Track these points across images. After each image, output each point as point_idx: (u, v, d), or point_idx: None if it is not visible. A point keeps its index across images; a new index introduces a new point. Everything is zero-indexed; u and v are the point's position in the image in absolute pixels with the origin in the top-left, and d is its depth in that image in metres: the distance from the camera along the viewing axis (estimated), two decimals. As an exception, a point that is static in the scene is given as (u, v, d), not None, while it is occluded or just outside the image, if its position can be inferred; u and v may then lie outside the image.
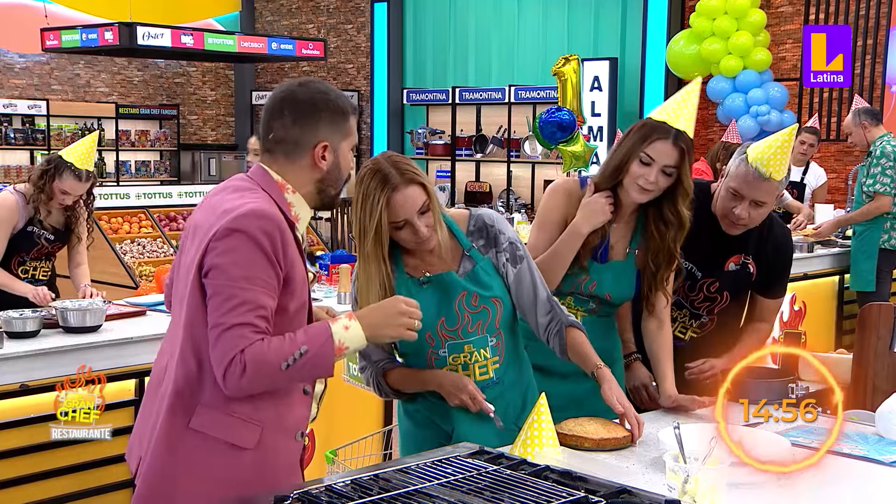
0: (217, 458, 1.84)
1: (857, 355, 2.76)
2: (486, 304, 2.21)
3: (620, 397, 2.19)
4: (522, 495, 1.62)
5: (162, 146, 13.19)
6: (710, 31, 8.40)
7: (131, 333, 3.32)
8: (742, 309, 2.77)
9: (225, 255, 1.78)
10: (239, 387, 1.76)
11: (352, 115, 1.94)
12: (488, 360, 2.23)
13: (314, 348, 1.78)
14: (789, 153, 2.52)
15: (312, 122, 1.88)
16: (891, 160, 5.57)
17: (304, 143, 1.89)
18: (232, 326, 1.75)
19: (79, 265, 4.12)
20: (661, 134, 2.36)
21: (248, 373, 1.74)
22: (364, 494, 1.63)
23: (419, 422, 2.32)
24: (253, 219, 1.78)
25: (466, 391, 2.16)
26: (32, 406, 2.92)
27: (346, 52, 12.71)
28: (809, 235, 5.89)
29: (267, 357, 1.75)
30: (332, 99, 1.90)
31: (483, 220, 2.27)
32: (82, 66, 12.72)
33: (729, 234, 2.63)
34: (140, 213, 7.26)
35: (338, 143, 1.91)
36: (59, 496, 3.06)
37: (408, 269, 2.22)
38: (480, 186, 11.11)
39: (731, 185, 2.55)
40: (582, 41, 10.18)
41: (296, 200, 1.91)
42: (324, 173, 1.91)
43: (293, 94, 1.89)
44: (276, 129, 1.89)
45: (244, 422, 1.84)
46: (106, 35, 9.09)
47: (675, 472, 1.75)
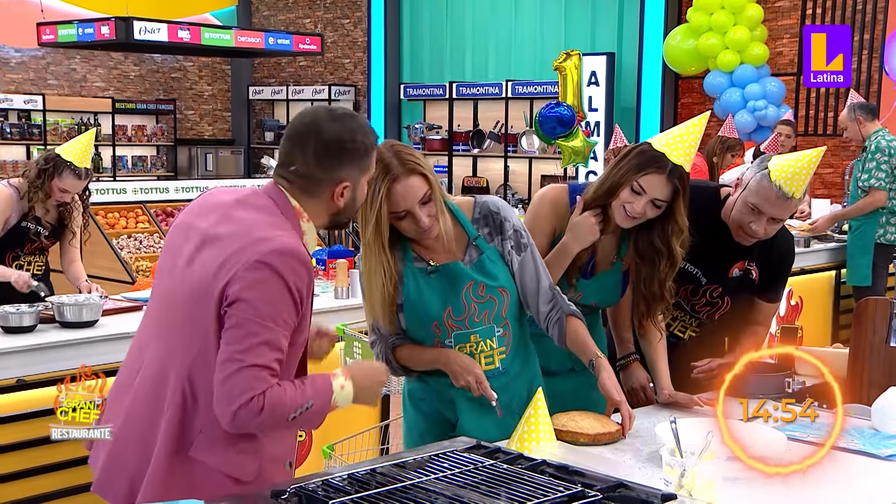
0: (215, 488, 1.81)
1: (853, 350, 2.77)
2: (493, 293, 2.20)
3: (617, 387, 2.20)
4: (519, 490, 1.62)
5: (159, 141, 13.16)
6: (708, 26, 8.39)
7: (128, 329, 3.31)
8: (742, 311, 2.75)
9: (253, 289, 1.73)
10: (248, 426, 1.76)
11: (373, 150, 1.91)
12: (494, 350, 2.22)
13: (318, 405, 1.82)
14: (812, 174, 2.49)
15: (337, 163, 1.85)
16: (885, 155, 5.58)
17: (325, 182, 1.86)
18: (252, 366, 1.73)
19: (73, 261, 4.10)
20: (657, 167, 2.33)
21: (264, 415, 1.73)
22: (361, 489, 1.63)
23: (425, 412, 2.32)
24: (288, 258, 1.76)
25: (473, 374, 2.16)
26: (29, 401, 2.92)
27: (342, 46, 12.69)
28: (805, 230, 5.89)
29: (284, 404, 1.75)
30: (360, 139, 1.86)
31: (488, 206, 2.26)
32: (78, 60, 12.68)
33: (735, 241, 2.61)
34: (137, 209, 7.25)
35: (357, 180, 1.89)
36: (56, 490, 3.05)
37: (416, 258, 2.21)
38: (477, 182, 11.10)
39: (751, 200, 2.50)
40: (579, 36, 10.17)
41: (308, 229, 1.90)
42: (340, 208, 1.90)
43: (321, 129, 1.84)
44: (299, 164, 1.85)
45: (245, 454, 1.83)
46: (102, 30, 9.05)
47: (672, 467, 1.75)
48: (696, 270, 2.64)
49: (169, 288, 1.89)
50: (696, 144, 2.38)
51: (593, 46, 9.93)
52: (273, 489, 1.64)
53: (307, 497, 1.61)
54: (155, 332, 1.91)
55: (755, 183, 2.51)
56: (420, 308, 2.19)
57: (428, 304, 2.19)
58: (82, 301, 3.35)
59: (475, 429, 2.17)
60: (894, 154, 5.61)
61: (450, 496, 1.59)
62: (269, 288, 1.74)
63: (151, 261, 6.68)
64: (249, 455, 1.83)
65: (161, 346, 1.87)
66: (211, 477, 1.80)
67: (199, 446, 1.80)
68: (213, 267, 1.78)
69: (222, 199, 1.90)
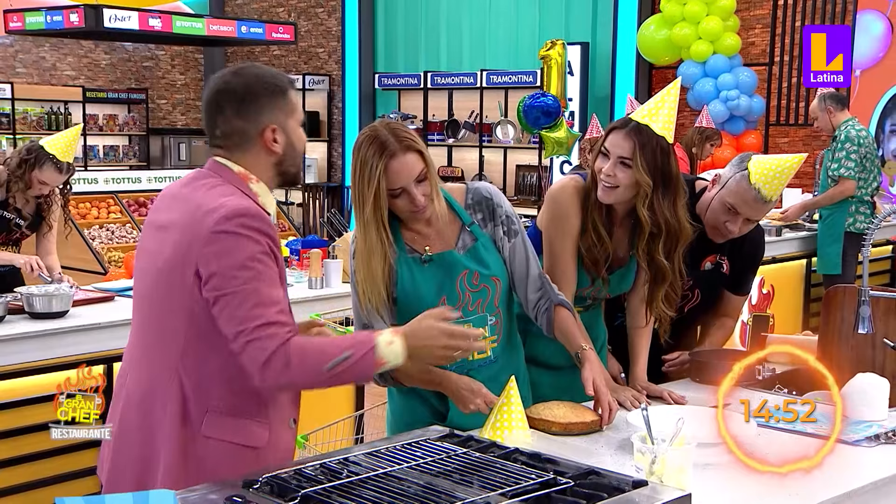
0: (229, 460, 1.82)
1: (822, 337, 2.79)
2: (487, 282, 2.19)
3: (597, 379, 2.17)
4: (492, 477, 1.62)
5: (131, 131, 12.98)
6: (681, 16, 8.42)
7: (99, 319, 3.28)
8: (713, 304, 2.77)
9: (220, 259, 1.73)
10: (280, 380, 1.73)
11: (290, 90, 1.91)
12: (486, 339, 2.20)
13: (358, 355, 1.76)
14: (791, 178, 2.51)
15: (254, 110, 1.85)
16: (855, 144, 5.64)
17: (251, 132, 1.86)
18: (255, 328, 1.71)
19: (48, 254, 4.08)
20: (618, 126, 2.33)
21: (294, 365, 1.70)
22: (333, 478, 1.62)
23: (414, 400, 2.27)
24: (240, 218, 1.75)
25: (482, 395, 2.11)
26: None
27: (316, 35, 12.60)
28: (777, 219, 5.95)
29: (311, 352, 1.73)
30: (268, 80, 1.87)
31: (481, 192, 2.25)
32: (48, 48, 12.48)
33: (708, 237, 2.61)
34: (109, 199, 7.18)
35: (285, 122, 1.89)
36: (29, 482, 3.03)
37: (407, 246, 2.18)
38: (453, 171, 11.08)
39: (728, 200, 2.51)
40: (553, 25, 10.17)
41: (260, 190, 1.89)
42: (279, 156, 1.89)
43: (228, 85, 1.86)
44: (221, 125, 1.87)
45: (255, 422, 1.83)
46: (71, 17, 8.91)
47: (643, 454, 1.76)
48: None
49: (143, 286, 1.91)
50: (673, 111, 2.34)
51: (568, 36, 9.93)
52: (245, 479, 1.63)
53: (279, 486, 1.59)
54: (141, 334, 1.92)
55: (734, 183, 2.51)
56: (415, 298, 2.15)
57: (423, 293, 2.15)
58: (52, 291, 3.31)
59: (466, 419, 2.15)
60: (864, 143, 5.68)
61: (422, 484, 1.59)
62: (234, 253, 1.74)
63: (124, 251, 6.62)
64: (259, 421, 1.83)
65: (149, 344, 1.88)
66: (226, 451, 1.81)
67: (210, 425, 1.81)
68: (178, 254, 1.79)
69: (172, 188, 1.93)
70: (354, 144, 2.10)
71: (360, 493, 1.55)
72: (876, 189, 5.85)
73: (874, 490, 1.93)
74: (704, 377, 2.56)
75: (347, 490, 1.57)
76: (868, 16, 8.14)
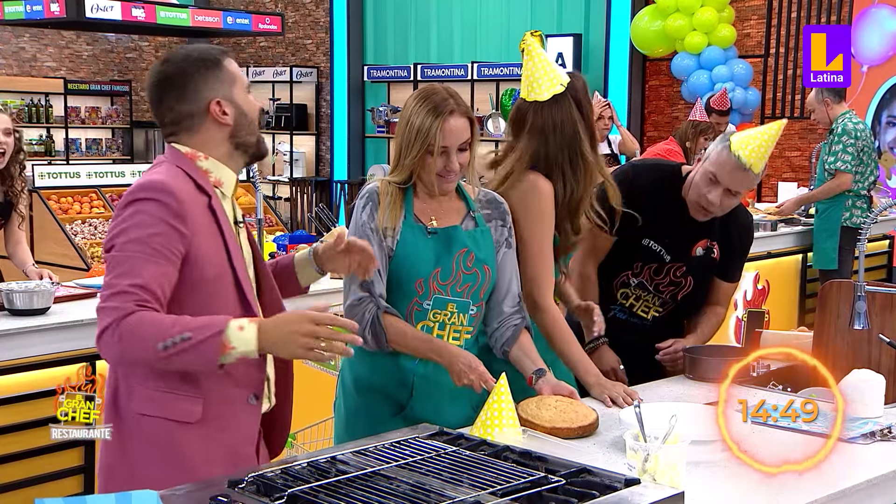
0: (165, 437, 1.81)
1: (817, 333, 2.78)
2: (479, 268, 2.24)
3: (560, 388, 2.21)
4: (482, 476, 1.60)
5: (114, 123, 12.82)
6: (675, 7, 8.38)
7: (81, 316, 3.22)
8: (704, 291, 2.78)
9: (117, 226, 1.80)
10: (110, 352, 1.75)
11: (224, 59, 1.92)
12: (463, 327, 2.24)
13: (200, 337, 1.71)
14: (772, 148, 2.56)
15: (192, 90, 1.87)
16: (852, 137, 5.62)
17: (198, 111, 1.89)
18: (108, 296, 1.74)
19: (18, 242, 4.01)
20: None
21: (125, 339, 1.71)
22: (321, 477, 1.60)
23: (372, 396, 2.24)
24: (148, 190, 1.80)
25: (478, 372, 2.12)
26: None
27: (304, 27, 12.51)
28: (772, 213, 5.93)
29: (144, 331, 1.71)
30: (197, 57, 1.89)
31: (494, 195, 2.36)
32: (28, 39, 12.33)
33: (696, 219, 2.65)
34: (91, 193, 7.07)
35: (229, 92, 1.90)
36: (9, 483, 2.98)
37: (414, 216, 2.22)
38: (443, 164, 11.05)
39: (710, 169, 2.57)
40: (545, 17, 10.12)
41: (211, 166, 1.91)
42: (231, 127, 1.91)
43: (161, 75, 1.89)
44: (168, 113, 1.91)
45: (183, 396, 1.82)
46: (52, 7, 8.78)
47: (636, 451, 1.74)
48: (659, 248, 2.68)
49: None
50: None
51: (560, 27, 9.90)
52: (230, 478, 1.60)
53: (265, 485, 1.57)
54: None
55: (715, 154, 2.59)
56: (410, 262, 2.18)
57: (420, 260, 2.19)
58: (33, 288, 3.24)
59: (428, 411, 2.15)
60: (861, 137, 5.65)
61: (412, 483, 1.57)
62: (131, 221, 1.79)
63: (108, 246, 6.53)
64: (188, 395, 1.82)
65: None
66: (160, 427, 1.81)
67: (140, 400, 1.82)
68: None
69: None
70: (422, 89, 2.22)
71: (348, 493, 1.53)
72: (873, 183, 5.84)
73: (869, 488, 1.92)
74: (699, 373, 2.56)
75: (335, 489, 1.55)
76: (882, 11, 7.97)
